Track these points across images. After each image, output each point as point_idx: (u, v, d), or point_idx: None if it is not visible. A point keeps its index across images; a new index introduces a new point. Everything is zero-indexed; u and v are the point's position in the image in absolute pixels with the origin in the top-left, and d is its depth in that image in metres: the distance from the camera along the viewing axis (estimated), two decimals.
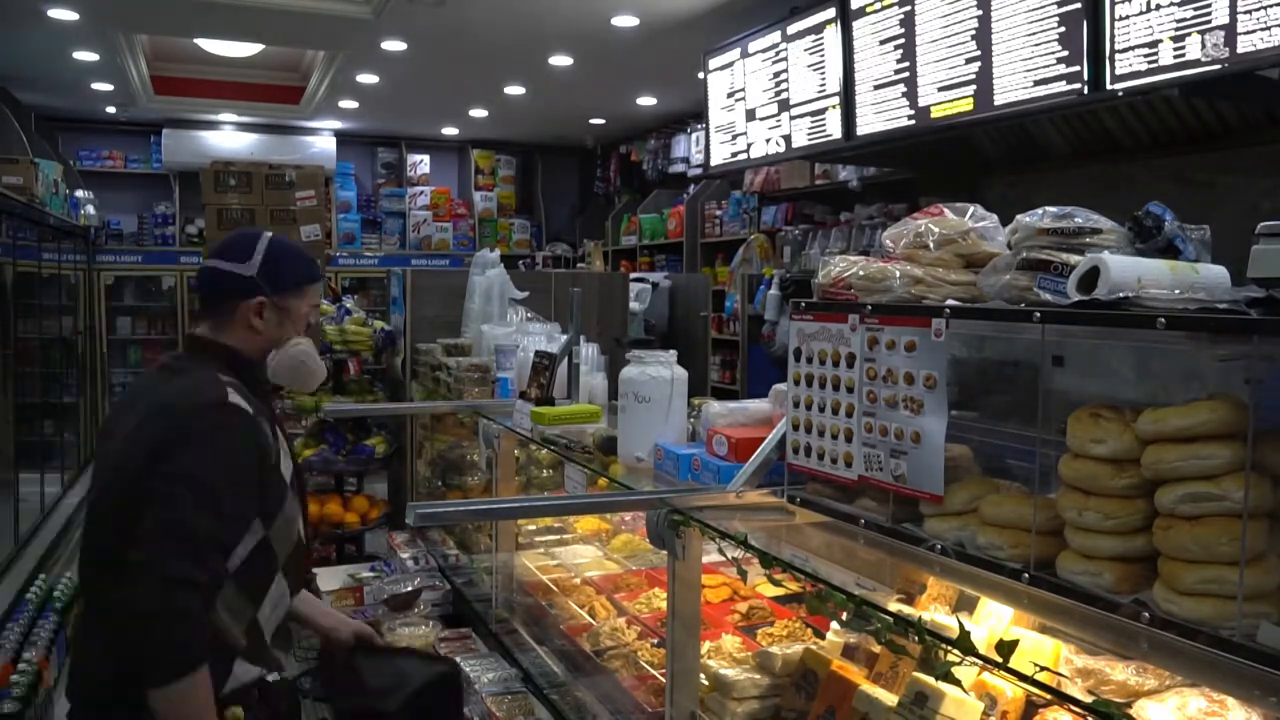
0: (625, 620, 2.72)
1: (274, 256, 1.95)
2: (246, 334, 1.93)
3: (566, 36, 6.18)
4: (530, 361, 3.19)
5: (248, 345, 1.94)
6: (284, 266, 1.96)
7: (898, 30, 3.93)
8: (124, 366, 9.58)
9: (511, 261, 8.58)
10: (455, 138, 10.38)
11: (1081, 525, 1.34)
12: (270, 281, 1.93)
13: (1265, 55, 2.70)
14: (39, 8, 5.66)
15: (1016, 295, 1.47)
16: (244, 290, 1.92)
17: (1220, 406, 1.23)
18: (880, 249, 1.83)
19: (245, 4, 5.52)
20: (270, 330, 1.95)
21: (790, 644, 2.18)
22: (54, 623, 4.84)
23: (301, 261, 2.03)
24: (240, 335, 1.93)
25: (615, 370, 2.72)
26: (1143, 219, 1.48)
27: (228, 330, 1.94)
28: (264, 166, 6.92)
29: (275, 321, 1.95)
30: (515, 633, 3.14)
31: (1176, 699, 1.42)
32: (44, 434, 7.15)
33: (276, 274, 1.94)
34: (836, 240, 5.75)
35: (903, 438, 1.62)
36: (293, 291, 1.97)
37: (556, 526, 3.54)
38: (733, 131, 5.13)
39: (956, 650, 1.33)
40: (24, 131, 7.19)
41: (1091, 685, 1.49)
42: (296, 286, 1.97)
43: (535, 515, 3.38)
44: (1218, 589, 1.19)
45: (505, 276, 4.40)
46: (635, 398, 2.43)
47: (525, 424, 3.03)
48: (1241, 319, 1.15)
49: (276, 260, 1.95)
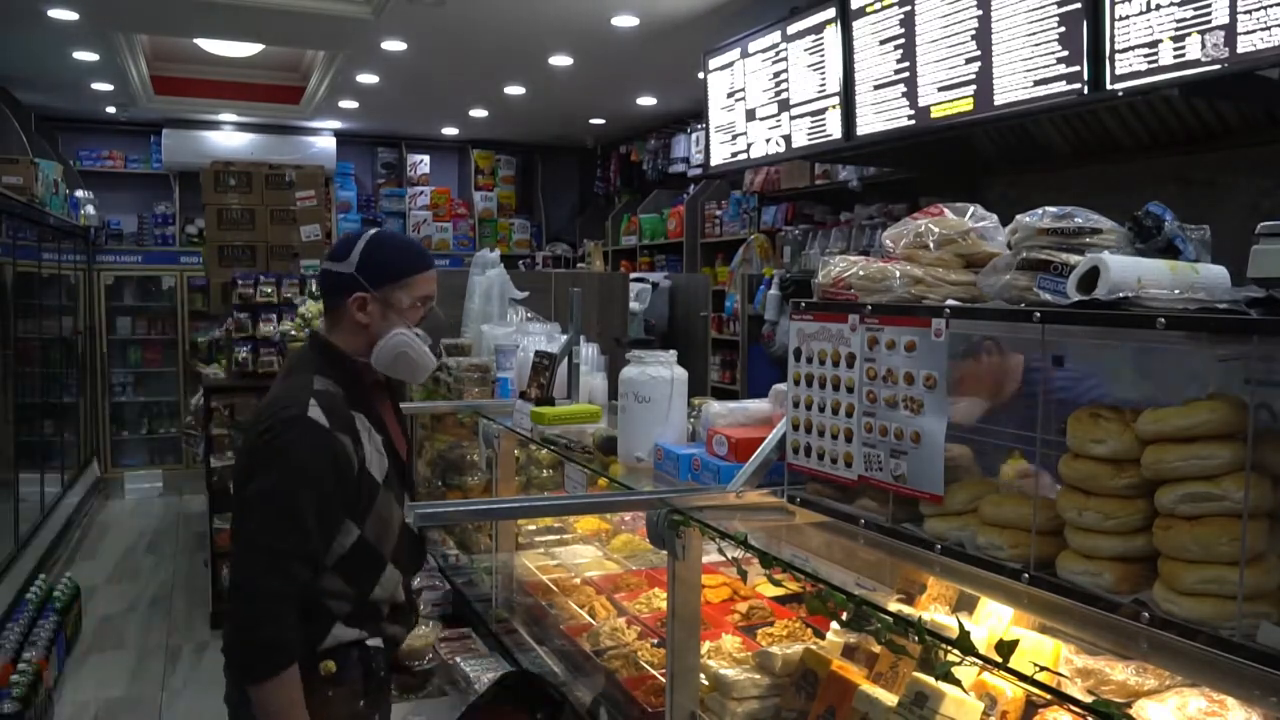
0: (625, 620, 2.72)
1: (372, 251, 2.02)
2: (355, 329, 2.03)
3: (566, 36, 6.18)
4: (530, 361, 3.19)
5: (355, 341, 2.03)
6: (383, 259, 2.03)
7: (898, 30, 3.93)
8: (124, 366, 9.58)
9: (511, 261, 8.59)
10: (455, 138, 10.38)
11: (1081, 525, 1.34)
12: (369, 276, 2.01)
13: (1265, 55, 2.70)
14: (39, 8, 5.66)
15: (1016, 295, 1.47)
16: (346, 287, 2.01)
17: (1220, 406, 1.23)
18: (880, 249, 1.83)
19: (245, 4, 5.52)
20: (376, 324, 2.02)
21: (790, 644, 2.18)
22: (54, 623, 4.85)
23: (403, 253, 2.07)
24: (349, 331, 2.03)
25: (615, 370, 2.72)
26: (1143, 219, 1.48)
27: (339, 327, 2.05)
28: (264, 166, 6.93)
29: (380, 315, 2.02)
30: (515, 633, 3.14)
31: (1176, 699, 1.42)
32: (44, 434, 7.15)
33: (375, 268, 2.02)
34: (836, 240, 5.75)
35: (903, 438, 1.62)
36: (394, 284, 2.02)
37: (556, 526, 3.54)
38: (733, 131, 5.13)
39: (956, 650, 1.32)
40: (24, 131, 7.20)
41: (1091, 685, 1.49)
42: (397, 279, 2.03)
43: (535, 515, 3.38)
44: (1218, 589, 1.19)
45: (505, 276, 4.40)
46: (635, 398, 2.43)
47: (525, 424, 3.03)
48: (1241, 319, 1.15)
49: (375, 254, 2.02)
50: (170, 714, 4.50)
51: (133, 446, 9.65)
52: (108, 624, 5.68)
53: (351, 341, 2.04)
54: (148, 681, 4.86)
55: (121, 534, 7.65)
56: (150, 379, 9.69)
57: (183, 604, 5.97)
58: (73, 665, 5.06)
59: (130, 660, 5.13)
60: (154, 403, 9.73)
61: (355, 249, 2.03)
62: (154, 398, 9.72)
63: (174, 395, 9.57)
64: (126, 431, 9.66)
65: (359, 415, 2.00)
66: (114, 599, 6.09)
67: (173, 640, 5.37)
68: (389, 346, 2.02)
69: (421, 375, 2.12)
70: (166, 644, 5.31)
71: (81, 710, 4.56)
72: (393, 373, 2.08)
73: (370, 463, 1.99)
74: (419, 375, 2.12)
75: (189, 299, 9.43)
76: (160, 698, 4.67)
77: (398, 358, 2.03)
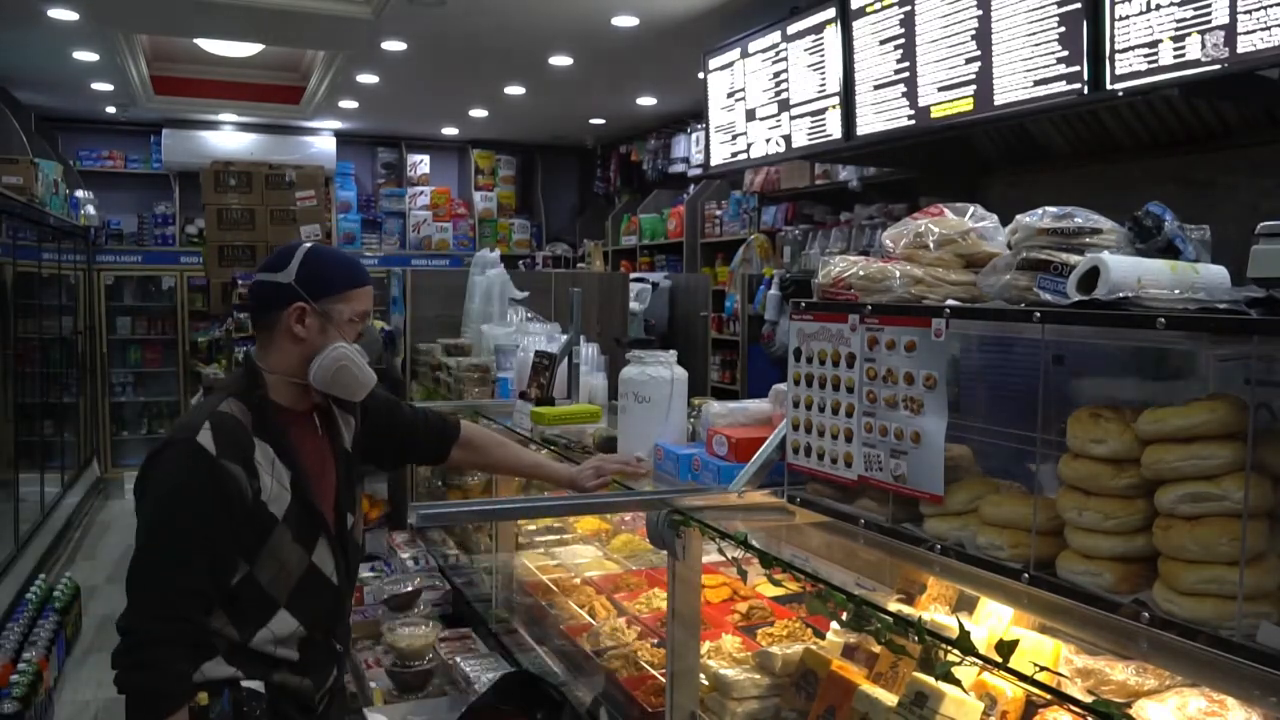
0: (625, 620, 2.72)
1: (312, 263, 1.92)
2: (290, 344, 1.91)
3: (566, 36, 6.18)
4: (530, 361, 3.19)
5: (289, 359, 1.91)
6: (323, 272, 1.93)
7: (898, 30, 3.93)
8: (124, 366, 9.58)
9: (511, 261, 8.57)
10: (455, 138, 10.38)
11: (1081, 525, 1.35)
12: (308, 287, 1.90)
13: (1265, 55, 2.70)
14: (39, 8, 5.66)
15: (1016, 295, 1.47)
16: (283, 298, 1.90)
17: (1220, 406, 1.23)
18: (880, 249, 1.83)
19: (245, 4, 5.52)
20: (314, 338, 1.90)
21: (790, 644, 2.18)
22: (54, 623, 4.85)
23: (343, 267, 1.98)
24: (284, 347, 1.91)
25: (615, 370, 2.72)
26: (1143, 219, 1.49)
27: (273, 345, 1.93)
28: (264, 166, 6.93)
29: (318, 328, 1.90)
30: (515, 633, 3.14)
31: (1176, 699, 1.42)
32: (44, 434, 7.15)
33: (315, 279, 1.91)
34: (836, 240, 5.75)
35: (903, 438, 1.62)
36: (334, 296, 1.92)
37: (556, 526, 3.55)
38: (733, 131, 5.13)
39: (956, 650, 1.33)
40: (24, 131, 7.19)
41: (1091, 685, 1.49)
42: (337, 291, 1.92)
43: (536, 515, 3.38)
44: (1218, 589, 1.19)
45: (505, 276, 4.40)
46: (635, 398, 2.43)
47: (525, 424, 3.03)
48: (1241, 319, 1.15)
49: (315, 266, 1.92)
50: None
51: (133, 446, 9.64)
52: (108, 624, 5.65)
53: (284, 360, 1.92)
54: None
55: (121, 534, 7.65)
56: (150, 379, 9.69)
57: None
58: (73, 665, 5.06)
59: None
60: (154, 403, 9.73)
61: (294, 259, 1.92)
62: (154, 398, 9.72)
63: (174, 395, 9.57)
64: (126, 431, 9.66)
65: (263, 444, 1.87)
66: (114, 599, 6.08)
67: None
68: (329, 360, 1.90)
69: (361, 392, 2.00)
70: None
71: (81, 710, 4.56)
72: (332, 389, 1.94)
73: (269, 496, 1.85)
74: (359, 392, 1.99)
75: (189, 299, 9.43)
76: None
77: (338, 371, 1.91)
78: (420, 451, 2.38)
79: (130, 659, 1.74)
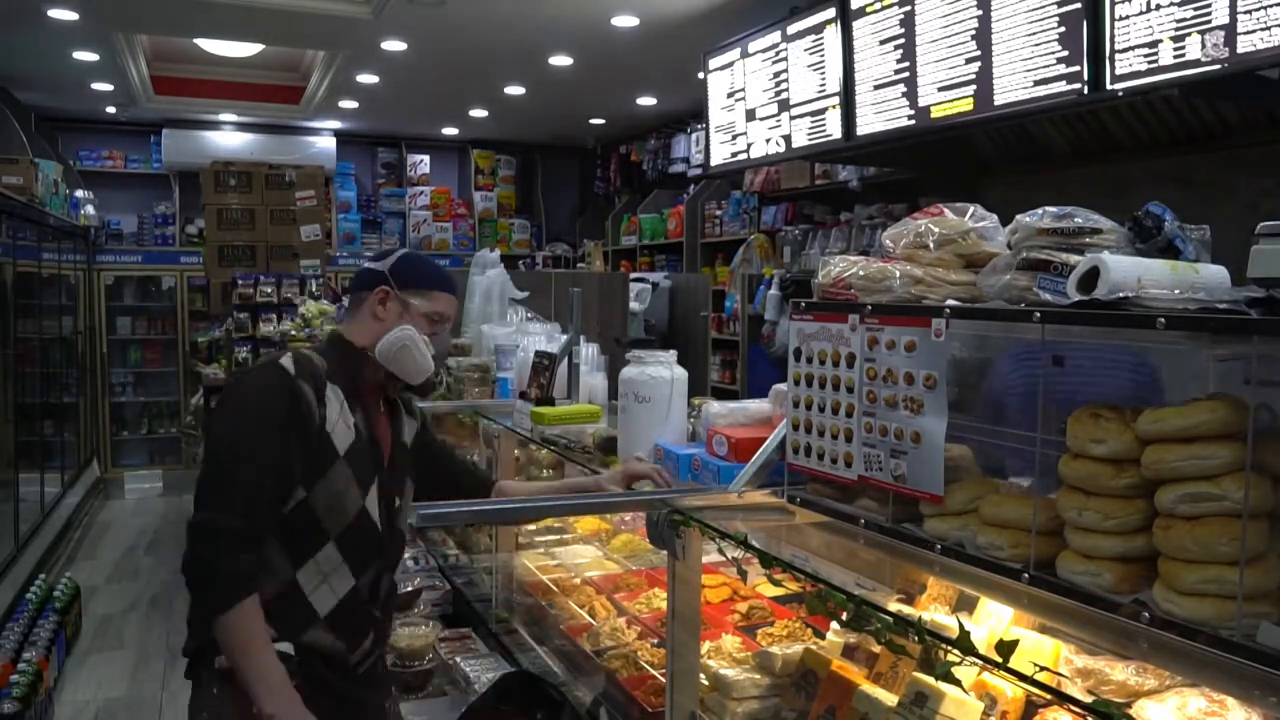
0: (625, 620, 2.72)
1: (408, 259, 2.15)
2: (369, 322, 2.07)
3: (566, 36, 6.18)
4: (530, 361, 3.19)
5: (367, 334, 2.07)
6: (414, 268, 2.13)
7: (898, 30, 3.93)
8: (124, 366, 9.58)
9: (511, 261, 8.58)
10: (455, 138, 10.38)
11: (1081, 525, 1.34)
12: (397, 276, 2.09)
13: (1265, 55, 2.70)
14: (39, 8, 5.66)
15: (1016, 295, 1.47)
16: (375, 281, 2.09)
17: (1220, 406, 1.23)
18: (880, 249, 1.83)
19: (245, 4, 5.51)
20: (390, 320, 2.07)
21: (790, 644, 2.18)
22: (54, 623, 4.85)
23: (433, 271, 2.17)
24: (363, 324, 2.08)
25: (615, 370, 2.72)
26: (1143, 219, 1.48)
27: (355, 320, 2.11)
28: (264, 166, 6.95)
29: (396, 313, 2.07)
30: (515, 633, 3.14)
31: (1176, 699, 1.42)
32: (44, 434, 7.15)
33: (404, 272, 2.10)
34: (836, 240, 5.75)
35: (903, 438, 1.62)
36: (417, 290, 2.09)
37: (556, 526, 3.54)
38: (733, 131, 5.13)
39: (956, 650, 1.32)
40: (24, 131, 7.20)
41: (1091, 685, 1.49)
42: (422, 286, 2.10)
43: (536, 516, 3.37)
44: (1218, 589, 1.19)
45: (505, 276, 4.40)
46: (635, 398, 2.43)
47: (525, 424, 3.03)
48: (1241, 319, 1.15)
49: (408, 263, 2.14)
50: (170, 714, 4.50)
51: (133, 446, 9.65)
52: (108, 624, 5.68)
53: (363, 334, 2.08)
54: (148, 681, 4.86)
55: (121, 534, 7.65)
56: (150, 379, 9.69)
57: (183, 604, 5.92)
58: (73, 665, 5.06)
59: (130, 660, 5.12)
60: (154, 403, 9.73)
61: (394, 254, 2.15)
62: (154, 398, 9.72)
63: (174, 395, 9.57)
64: (126, 431, 9.66)
65: (334, 387, 2.00)
66: (114, 599, 6.09)
67: (173, 640, 5.36)
68: (394, 337, 2.04)
69: (419, 376, 2.11)
70: (166, 644, 5.31)
71: (81, 710, 4.56)
72: (391, 364, 2.06)
73: (332, 427, 1.97)
74: (417, 375, 2.10)
75: (189, 299, 9.43)
76: (160, 698, 4.67)
77: (400, 350, 2.05)
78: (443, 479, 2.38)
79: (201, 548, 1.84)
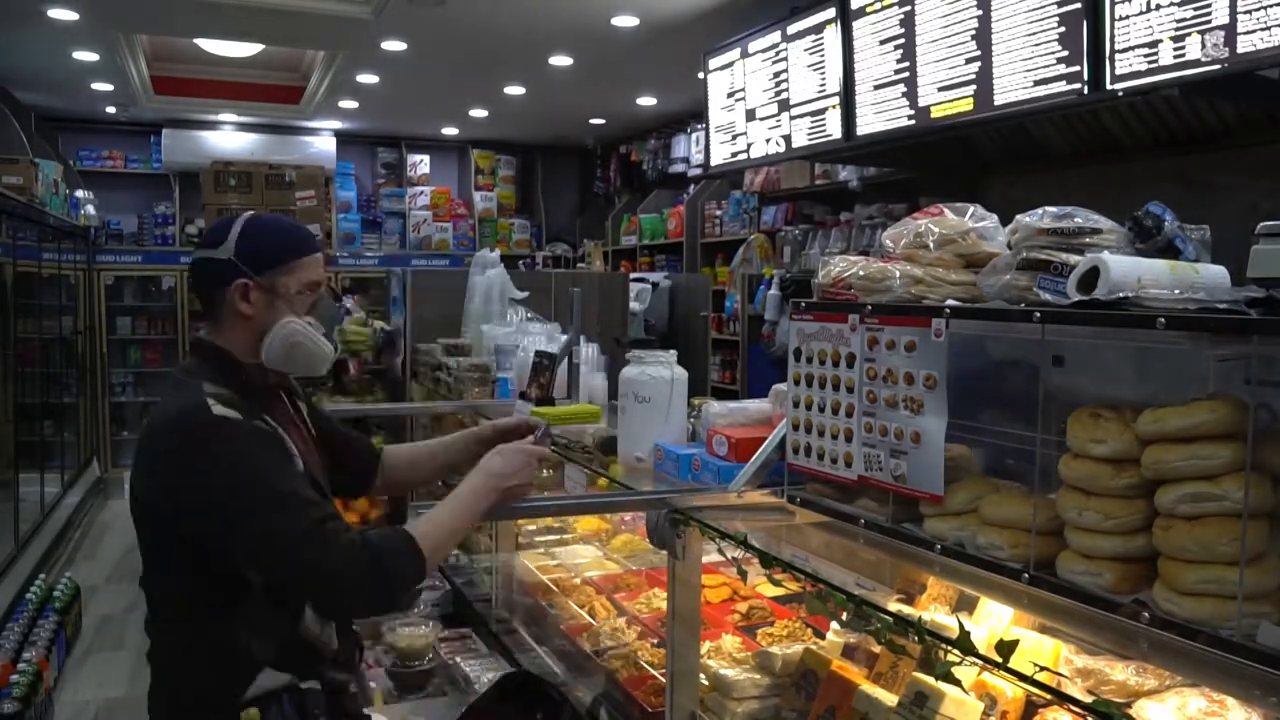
0: (625, 620, 2.72)
1: (250, 234, 1.78)
2: (239, 324, 1.78)
3: (566, 36, 6.18)
4: (530, 361, 3.19)
5: (242, 338, 1.79)
6: (264, 243, 1.79)
7: (898, 30, 3.93)
8: (124, 366, 9.57)
9: (511, 261, 8.56)
10: (455, 138, 10.38)
11: (1081, 525, 1.34)
12: (250, 261, 1.76)
13: (1265, 55, 2.70)
14: (39, 8, 5.66)
15: (1016, 295, 1.47)
16: (225, 275, 1.76)
17: (1220, 406, 1.23)
18: (880, 249, 1.83)
19: (245, 4, 5.51)
20: (261, 315, 1.77)
21: (790, 644, 2.18)
22: (54, 623, 4.84)
23: (285, 235, 1.83)
24: (233, 327, 1.79)
25: (615, 370, 2.72)
26: (1143, 219, 1.49)
27: (224, 324, 1.80)
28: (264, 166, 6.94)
29: (265, 304, 1.77)
30: (515, 633, 3.14)
31: (1176, 699, 1.43)
32: (44, 434, 7.15)
33: (255, 253, 1.77)
34: (836, 240, 5.75)
35: (903, 438, 1.62)
36: (278, 269, 1.78)
37: (556, 526, 3.54)
38: (733, 131, 5.13)
39: (956, 650, 1.32)
40: (24, 131, 7.19)
41: (1091, 685, 1.49)
42: (281, 262, 1.78)
43: (535, 515, 3.38)
44: (1218, 589, 1.19)
45: (505, 276, 4.40)
46: (635, 398, 2.43)
47: None
48: (1241, 319, 1.15)
49: (255, 237, 1.78)
50: None
51: (132, 446, 9.56)
52: (108, 624, 5.67)
53: (238, 340, 1.79)
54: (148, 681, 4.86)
55: (121, 534, 7.64)
56: (150, 379, 9.68)
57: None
58: (73, 665, 5.05)
59: (130, 660, 5.12)
60: (154, 403, 9.62)
61: (231, 233, 1.78)
62: (154, 398, 9.68)
63: None
64: (126, 431, 9.65)
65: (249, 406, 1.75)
66: (114, 599, 6.09)
67: None
68: (279, 338, 1.77)
69: (321, 367, 1.86)
70: None
71: (81, 710, 4.56)
72: (287, 367, 1.83)
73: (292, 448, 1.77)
74: (318, 367, 1.86)
75: (189, 299, 9.42)
76: None
77: (291, 349, 1.79)
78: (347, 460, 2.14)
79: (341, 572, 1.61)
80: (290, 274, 1.79)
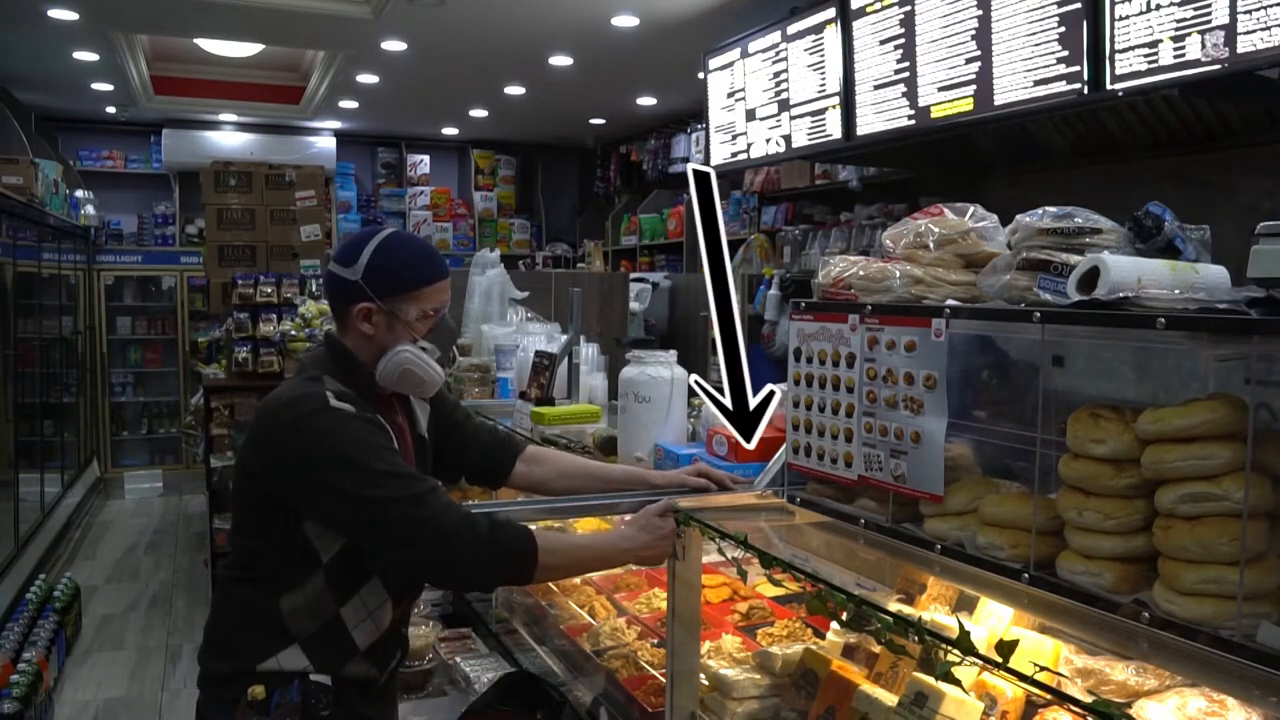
0: (625, 620, 2.72)
1: (380, 258, 1.85)
2: (360, 338, 1.88)
3: (566, 36, 6.18)
4: (530, 361, 3.19)
5: (363, 349, 1.89)
6: (391, 269, 1.86)
7: (898, 30, 3.93)
8: (124, 366, 9.58)
9: (511, 261, 8.57)
10: (455, 138, 10.38)
11: (1081, 525, 1.34)
12: (376, 286, 1.84)
13: (1265, 55, 2.70)
14: (39, 8, 5.66)
15: (1016, 295, 1.47)
16: (352, 296, 1.86)
17: (1220, 406, 1.23)
18: (880, 249, 1.83)
19: (245, 4, 5.52)
20: (381, 336, 1.87)
21: (790, 644, 2.18)
22: (54, 623, 4.85)
23: (414, 263, 1.89)
24: (356, 338, 1.89)
25: (615, 370, 2.72)
26: (1143, 219, 1.48)
27: (348, 333, 1.91)
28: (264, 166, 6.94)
29: (385, 327, 1.86)
30: (515, 633, 3.14)
31: (1176, 699, 1.42)
32: (44, 434, 7.15)
33: (382, 278, 1.85)
34: (836, 240, 5.74)
35: (903, 438, 1.62)
36: (402, 296, 1.86)
37: (556, 527, 3.54)
38: (733, 131, 5.13)
39: (956, 650, 1.32)
40: (24, 131, 7.20)
41: (1091, 685, 1.49)
42: (406, 290, 1.86)
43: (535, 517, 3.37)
44: (1218, 589, 1.19)
45: (505, 276, 4.40)
46: (635, 398, 2.43)
47: (525, 424, 3.03)
48: (1241, 319, 1.15)
49: (384, 262, 1.85)
50: (170, 714, 4.50)
51: (133, 446, 9.64)
52: (108, 624, 5.68)
53: (359, 348, 1.90)
54: (148, 681, 4.86)
55: (121, 534, 7.65)
56: (150, 379, 9.69)
57: (183, 604, 5.97)
58: (73, 665, 5.06)
59: (130, 660, 5.12)
60: (154, 403, 9.73)
61: (363, 254, 1.85)
62: (154, 398, 9.72)
63: (174, 395, 9.57)
64: (126, 431, 9.66)
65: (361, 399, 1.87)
66: (114, 599, 6.09)
67: (173, 640, 5.37)
68: (393, 364, 1.86)
69: (430, 390, 1.96)
70: (166, 644, 5.31)
71: (81, 710, 4.56)
72: (399, 389, 1.92)
73: None
74: (426, 390, 1.96)
75: (189, 299, 9.43)
76: (160, 698, 4.67)
77: (403, 375, 1.88)
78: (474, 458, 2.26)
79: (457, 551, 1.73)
80: (413, 301, 1.88)
